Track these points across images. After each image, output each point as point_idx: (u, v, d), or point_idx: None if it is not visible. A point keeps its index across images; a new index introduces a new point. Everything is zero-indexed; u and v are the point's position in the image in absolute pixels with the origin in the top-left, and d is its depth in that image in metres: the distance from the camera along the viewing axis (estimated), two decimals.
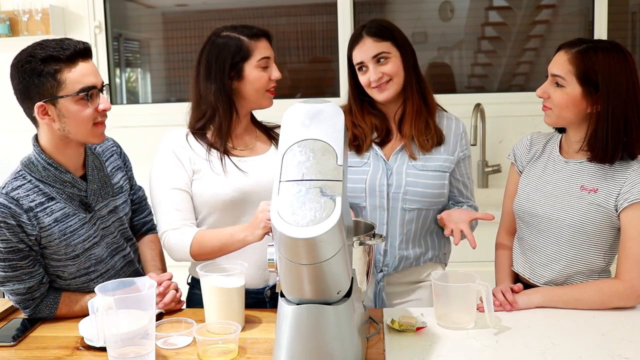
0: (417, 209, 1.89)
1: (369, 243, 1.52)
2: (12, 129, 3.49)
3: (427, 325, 1.58)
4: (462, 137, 1.95)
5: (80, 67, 1.60)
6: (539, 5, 3.51)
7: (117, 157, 1.87)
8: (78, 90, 1.59)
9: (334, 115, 1.32)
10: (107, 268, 1.76)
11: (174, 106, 3.65)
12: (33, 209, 1.62)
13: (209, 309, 1.62)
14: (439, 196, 1.90)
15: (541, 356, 1.43)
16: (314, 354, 1.31)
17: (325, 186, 1.22)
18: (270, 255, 1.32)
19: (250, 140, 1.91)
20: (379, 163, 1.90)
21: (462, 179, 1.97)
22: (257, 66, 1.81)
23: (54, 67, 1.57)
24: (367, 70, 1.87)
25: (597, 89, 1.64)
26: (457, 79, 3.59)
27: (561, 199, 1.73)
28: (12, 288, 1.65)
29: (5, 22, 3.37)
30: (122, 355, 1.37)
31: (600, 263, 1.72)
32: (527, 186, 1.82)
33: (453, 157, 1.93)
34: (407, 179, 1.88)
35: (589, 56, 1.65)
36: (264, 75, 1.83)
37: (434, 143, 1.91)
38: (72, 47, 1.59)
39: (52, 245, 1.65)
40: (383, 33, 1.87)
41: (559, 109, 1.69)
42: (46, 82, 1.58)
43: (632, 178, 1.66)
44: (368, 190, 1.89)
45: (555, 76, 1.69)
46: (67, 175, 1.67)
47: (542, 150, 1.85)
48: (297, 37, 3.66)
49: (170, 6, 3.76)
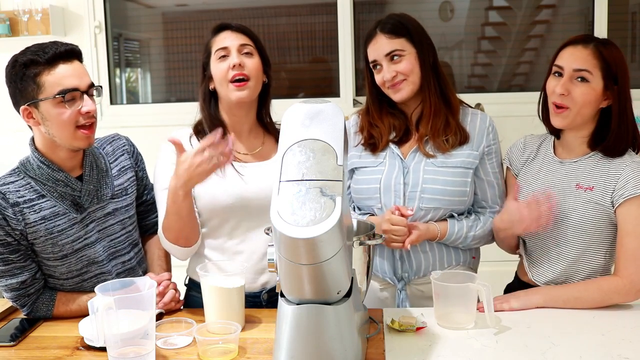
0: (434, 208, 1.80)
1: (369, 243, 1.52)
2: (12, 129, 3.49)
3: (427, 325, 1.58)
4: (488, 132, 1.84)
5: (59, 69, 1.60)
6: (539, 5, 3.52)
7: (128, 156, 1.85)
8: (56, 93, 1.59)
9: (334, 115, 1.32)
10: (102, 271, 1.74)
11: (174, 106, 3.66)
12: (19, 204, 1.63)
13: (209, 309, 1.62)
14: (460, 194, 1.79)
15: (541, 356, 1.43)
16: (314, 354, 1.31)
17: (325, 186, 1.22)
18: (270, 255, 1.31)
19: (255, 143, 1.86)
20: (395, 161, 1.82)
21: (488, 177, 1.84)
22: (215, 59, 1.79)
23: (34, 70, 1.59)
24: (381, 69, 1.80)
25: (616, 82, 1.66)
26: (457, 79, 3.59)
27: (558, 199, 1.73)
28: (6, 284, 1.66)
29: (5, 22, 3.37)
30: (122, 355, 1.37)
31: (600, 262, 1.72)
32: (524, 188, 1.82)
33: (477, 153, 1.81)
34: (424, 176, 1.79)
35: (609, 50, 1.66)
36: (221, 66, 1.77)
37: (455, 143, 1.80)
38: (52, 50, 1.60)
39: (38, 243, 1.66)
40: (397, 29, 1.78)
41: (580, 106, 1.67)
42: (27, 86, 1.60)
43: (627, 174, 1.66)
44: (383, 190, 1.81)
45: (579, 71, 1.66)
46: (60, 174, 1.67)
47: (536, 152, 1.85)
48: (297, 37, 3.67)
49: (170, 6, 3.76)
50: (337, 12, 3.47)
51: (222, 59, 1.77)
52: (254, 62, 1.78)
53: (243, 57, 1.77)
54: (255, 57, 1.80)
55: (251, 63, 1.78)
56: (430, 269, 1.85)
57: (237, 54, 1.76)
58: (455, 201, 1.80)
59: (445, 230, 1.81)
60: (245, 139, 1.86)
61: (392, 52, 1.78)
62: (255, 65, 1.78)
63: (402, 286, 1.85)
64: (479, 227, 1.84)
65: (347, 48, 3.47)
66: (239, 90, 1.76)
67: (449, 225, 1.81)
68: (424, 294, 1.85)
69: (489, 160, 1.84)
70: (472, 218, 1.85)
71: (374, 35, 1.81)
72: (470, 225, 1.83)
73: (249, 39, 1.80)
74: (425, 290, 1.85)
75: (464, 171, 1.80)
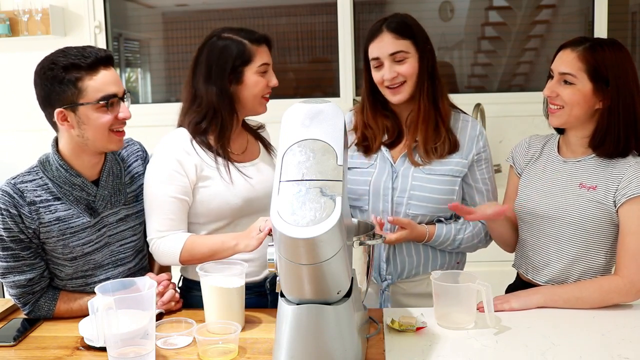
0: (421, 215, 1.82)
1: (369, 243, 1.52)
2: (13, 129, 3.50)
3: (427, 325, 1.58)
4: (478, 140, 1.84)
5: (101, 75, 1.62)
6: (539, 5, 3.52)
7: (142, 162, 1.86)
8: (99, 99, 1.61)
9: (334, 115, 1.32)
10: (107, 276, 1.74)
11: (174, 106, 3.59)
12: (36, 202, 1.64)
13: (209, 309, 1.62)
14: (447, 202, 1.78)
15: (541, 356, 1.43)
16: (314, 354, 1.31)
17: (325, 186, 1.22)
18: (270, 255, 1.31)
19: (242, 143, 1.88)
20: (385, 165, 1.84)
21: (477, 184, 1.85)
22: (257, 72, 1.79)
23: (75, 74, 1.59)
24: (381, 67, 1.79)
25: (607, 84, 1.66)
26: (457, 79, 3.59)
27: (561, 198, 1.73)
28: (14, 279, 1.66)
29: (5, 22, 3.36)
30: (122, 355, 1.37)
31: (601, 261, 1.72)
32: (527, 187, 1.82)
33: (466, 161, 1.82)
34: (412, 182, 1.80)
35: (598, 52, 1.67)
36: (262, 80, 1.80)
37: (443, 152, 1.80)
38: (93, 55, 1.61)
39: (50, 243, 1.67)
40: (404, 30, 1.78)
41: (570, 106, 1.68)
42: (67, 90, 1.60)
43: (630, 174, 1.66)
44: (372, 193, 1.83)
45: (564, 74, 1.68)
46: (78, 179, 1.69)
47: (540, 151, 1.85)
48: (297, 37, 3.66)
49: (170, 6, 3.76)
50: (337, 12, 3.47)
51: (264, 75, 1.81)
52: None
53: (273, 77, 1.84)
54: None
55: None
56: (413, 272, 1.88)
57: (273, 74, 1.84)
58: (442, 208, 1.82)
59: (433, 232, 1.82)
60: (234, 140, 1.85)
61: (396, 52, 1.77)
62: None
63: (386, 286, 1.87)
64: (468, 231, 1.86)
65: (347, 48, 3.47)
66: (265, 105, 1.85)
67: (437, 227, 1.83)
68: (406, 291, 1.90)
69: (478, 168, 1.86)
70: (461, 222, 1.86)
71: (379, 32, 1.79)
72: (458, 228, 1.84)
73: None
74: (406, 287, 1.89)
75: (452, 179, 1.81)
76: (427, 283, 1.82)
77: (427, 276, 1.79)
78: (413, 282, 1.89)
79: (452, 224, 1.85)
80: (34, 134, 3.14)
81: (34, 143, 3.15)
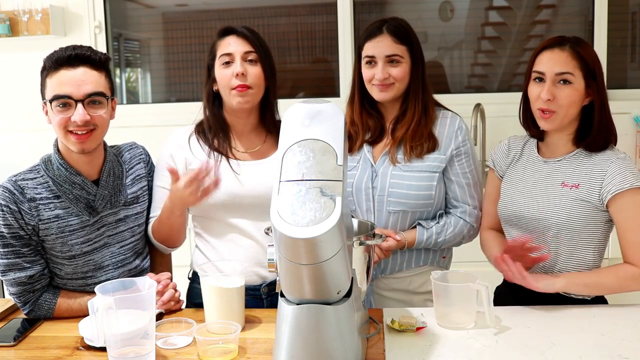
0: (402, 211, 1.85)
1: (369, 243, 1.52)
2: (13, 129, 3.50)
3: (427, 325, 1.58)
4: (457, 135, 1.86)
5: (59, 75, 1.64)
6: (539, 5, 3.51)
7: (144, 165, 1.87)
8: (50, 98, 1.65)
9: (334, 115, 1.32)
10: (108, 277, 1.74)
11: (174, 106, 3.66)
12: (36, 199, 1.67)
13: (209, 309, 1.62)
14: (425, 198, 1.83)
15: (541, 356, 1.43)
16: (314, 354, 1.31)
17: (325, 186, 1.22)
18: (270, 255, 1.31)
19: (256, 141, 1.88)
20: (367, 165, 1.87)
21: (457, 178, 1.87)
22: (219, 64, 1.80)
23: (45, 71, 1.67)
24: (374, 66, 1.83)
25: (594, 79, 1.69)
26: (457, 79, 3.59)
27: (544, 198, 1.74)
28: (14, 277, 1.67)
29: (5, 22, 3.36)
30: (122, 355, 1.37)
31: (590, 258, 1.73)
32: (510, 189, 1.82)
33: (444, 156, 1.85)
34: (391, 180, 1.83)
35: (584, 49, 1.70)
36: (225, 72, 1.79)
37: (423, 151, 1.84)
38: (58, 54, 1.65)
39: (49, 240, 1.68)
40: (403, 36, 1.83)
41: (566, 108, 1.69)
42: (42, 85, 1.68)
43: (612, 170, 1.67)
44: (355, 193, 1.87)
45: (561, 74, 1.68)
46: (78, 178, 1.70)
47: (520, 152, 1.86)
48: (297, 37, 3.66)
49: (170, 6, 3.76)
50: (337, 12, 3.46)
51: (226, 65, 1.79)
52: (257, 71, 1.80)
53: (247, 65, 1.79)
54: (258, 65, 1.81)
55: (254, 71, 1.79)
56: (397, 269, 1.92)
57: (240, 62, 1.78)
58: (421, 204, 1.85)
59: (413, 239, 1.85)
60: (246, 138, 1.88)
61: (393, 55, 1.82)
62: (258, 74, 1.80)
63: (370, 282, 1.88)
64: (449, 232, 1.88)
65: (347, 48, 3.47)
66: (240, 96, 1.79)
67: (417, 233, 1.86)
68: (388, 286, 1.93)
69: (458, 162, 1.87)
70: (442, 223, 1.87)
71: (378, 32, 1.83)
72: (439, 231, 1.86)
73: (253, 46, 1.80)
74: (388, 283, 1.92)
75: (430, 175, 1.84)
76: (410, 280, 1.90)
77: (410, 273, 1.91)
78: (396, 279, 1.92)
79: (433, 227, 1.86)
80: (34, 134, 3.16)
81: (34, 143, 3.16)
